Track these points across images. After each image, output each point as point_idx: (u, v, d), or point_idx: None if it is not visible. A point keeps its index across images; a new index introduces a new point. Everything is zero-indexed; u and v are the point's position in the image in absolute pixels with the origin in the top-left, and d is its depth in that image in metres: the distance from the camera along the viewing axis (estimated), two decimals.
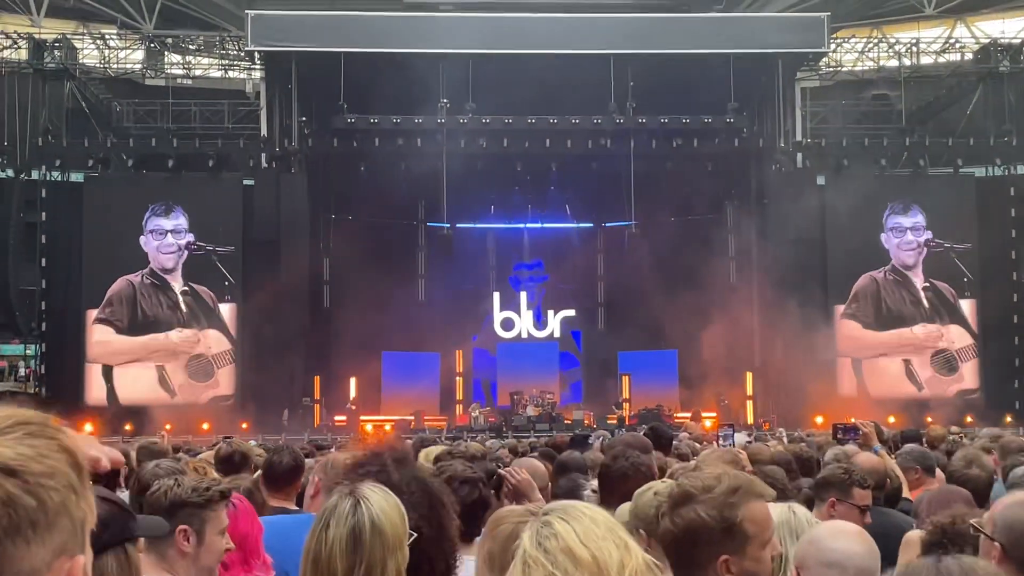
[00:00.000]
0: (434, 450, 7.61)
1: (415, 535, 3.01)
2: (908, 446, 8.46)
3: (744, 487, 3.04)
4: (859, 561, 3.18)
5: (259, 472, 6.43)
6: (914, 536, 4.08)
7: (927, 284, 33.01)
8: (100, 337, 31.75)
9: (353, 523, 2.87)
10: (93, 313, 31.67)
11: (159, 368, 31.71)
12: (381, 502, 2.92)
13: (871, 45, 35.66)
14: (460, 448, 8.41)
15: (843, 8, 35.75)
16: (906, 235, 33.12)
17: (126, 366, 31.70)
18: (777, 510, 4.40)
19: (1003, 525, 3.32)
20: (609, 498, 5.09)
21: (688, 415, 30.50)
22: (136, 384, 31.51)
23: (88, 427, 29.20)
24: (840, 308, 32.82)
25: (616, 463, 5.32)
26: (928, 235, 33.06)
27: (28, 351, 33.13)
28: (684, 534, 2.97)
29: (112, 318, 31.75)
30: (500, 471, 5.53)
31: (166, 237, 32.02)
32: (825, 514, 5.43)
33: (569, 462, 7.65)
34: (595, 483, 6.22)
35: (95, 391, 31.58)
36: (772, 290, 31.81)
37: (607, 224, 37.55)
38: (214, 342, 31.97)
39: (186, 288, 31.99)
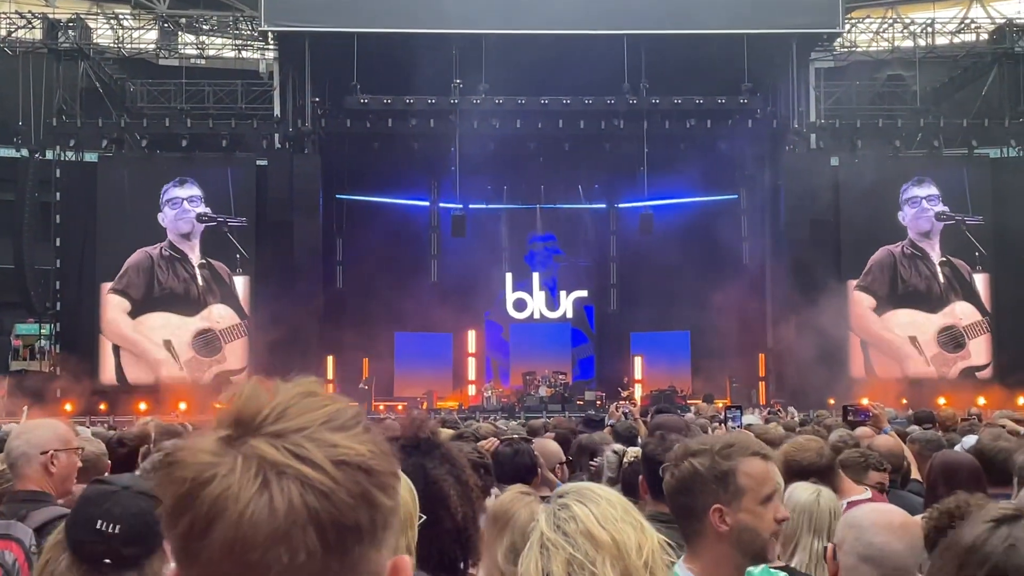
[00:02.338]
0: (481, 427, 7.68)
1: (424, 517, 3.03)
2: (921, 433, 8.46)
3: (740, 443, 3.17)
4: (897, 560, 3.13)
5: None
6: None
7: (944, 259, 32.94)
8: (113, 314, 31.93)
9: None
10: (108, 286, 31.89)
11: (166, 343, 31.89)
12: None
13: (886, 25, 35.47)
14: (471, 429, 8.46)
15: None
16: (921, 204, 33.01)
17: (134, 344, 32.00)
18: (805, 493, 4.45)
19: None
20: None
21: (699, 397, 30.55)
22: (143, 362, 31.71)
23: (102, 407, 29.49)
24: (853, 284, 32.76)
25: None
26: (943, 208, 32.97)
27: (43, 330, 33.30)
28: (681, 484, 3.10)
29: (127, 288, 31.92)
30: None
31: (182, 204, 32.16)
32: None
33: (589, 444, 7.72)
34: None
35: (109, 370, 31.76)
36: (785, 271, 31.81)
37: (620, 205, 37.52)
38: (223, 316, 32.11)
39: (203, 261, 32.14)
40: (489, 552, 3.43)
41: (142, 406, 28.87)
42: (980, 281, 32.93)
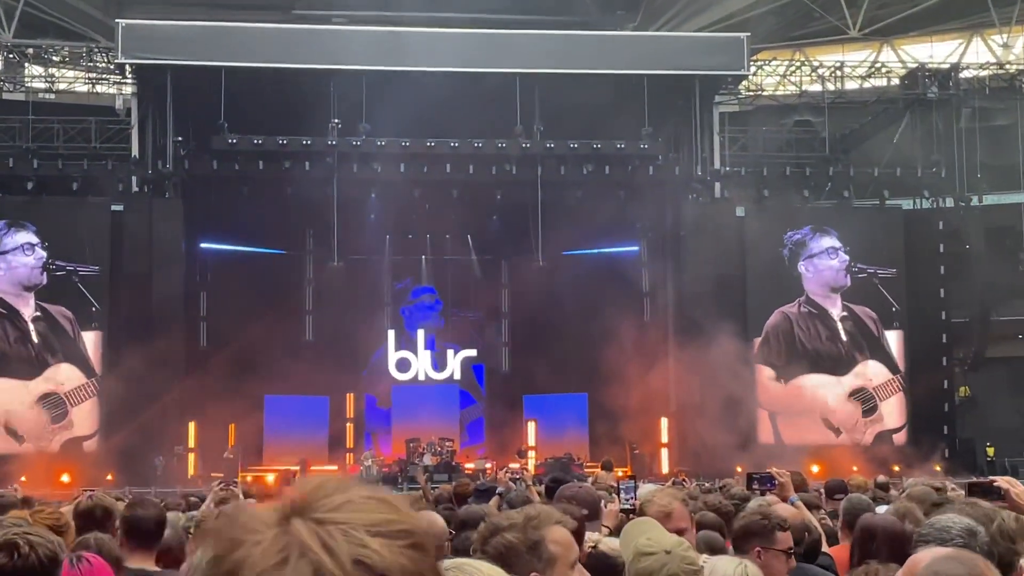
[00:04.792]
0: None
1: None
2: (849, 498, 8.57)
3: (543, 513, 3.56)
4: None
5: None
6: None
7: (845, 313, 33.53)
8: None
9: None
10: None
11: (3, 413, 30.92)
12: None
13: (793, 68, 36.36)
14: None
15: (764, 29, 36.45)
16: (839, 255, 33.43)
17: None
18: (730, 567, 4.53)
19: None
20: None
21: (599, 464, 30.62)
22: None
23: None
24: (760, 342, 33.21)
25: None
26: (845, 258, 33.56)
27: None
28: (497, 560, 3.34)
29: None
30: None
31: (19, 253, 31.23)
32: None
33: (471, 518, 7.65)
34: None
35: None
36: (689, 329, 32.09)
37: (512, 257, 37.66)
38: (68, 377, 31.29)
39: (38, 313, 31.23)
40: None
41: None
42: (893, 337, 33.63)
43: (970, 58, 38.69)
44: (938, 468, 28.98)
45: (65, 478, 28.74)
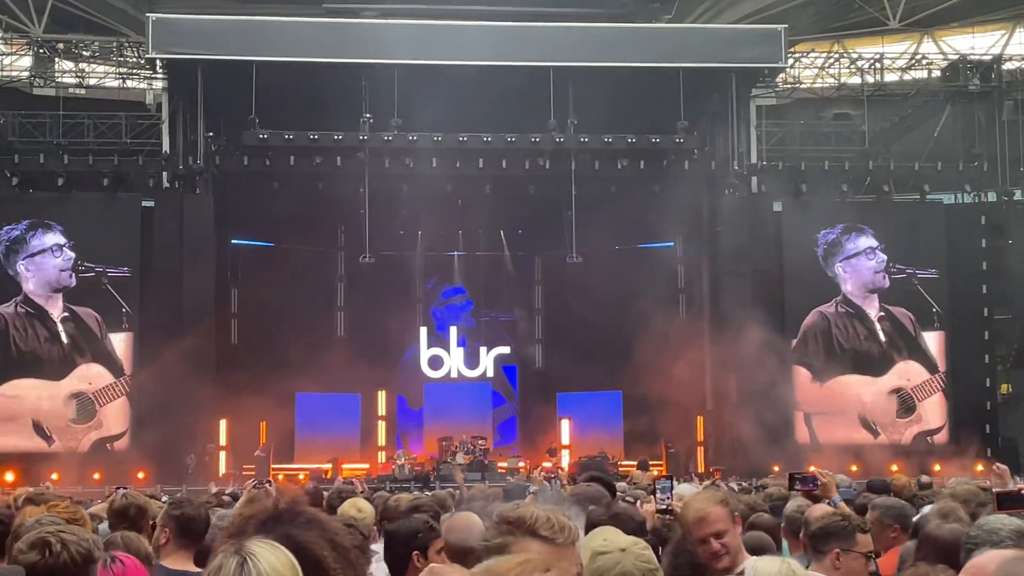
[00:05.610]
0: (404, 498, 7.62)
1: None
2: (884, 499, 8.50)
3: (527, 521, 3.34)
4: None
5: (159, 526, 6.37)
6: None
7: (883, 313, 33.32)
8: None
9: None
10: None
11: (34, 412, 30.99)
12: (270, 557, 2.92)
13: (831, 60, 36.13)
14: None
15: (802, 20, 36.24)
16: (876, 255, 33.21)
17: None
18: (772, 566, 4.48)
19: None
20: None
21: (633, 463, 30.58)
22: (9, 432, 30.82)
23: None
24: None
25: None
26: (883, 258, 33.33)
27: None
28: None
29: None
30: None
31: (49, 255, 31.41)
32: (829, 567, 5.49)
33: None
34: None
35: None
36: (725, 326, 31.96)
37: (545, 252, 37.62)
38: (96, 375, 31.45)
39: (66, 314, 31.39)
40: None
41: (9, 476, 28.35)
42: (933, 338, 33.36)
43: (1013, 49, 38.34)
44: (980, 468, 28.74)
45: (96, 476, 28.95)
